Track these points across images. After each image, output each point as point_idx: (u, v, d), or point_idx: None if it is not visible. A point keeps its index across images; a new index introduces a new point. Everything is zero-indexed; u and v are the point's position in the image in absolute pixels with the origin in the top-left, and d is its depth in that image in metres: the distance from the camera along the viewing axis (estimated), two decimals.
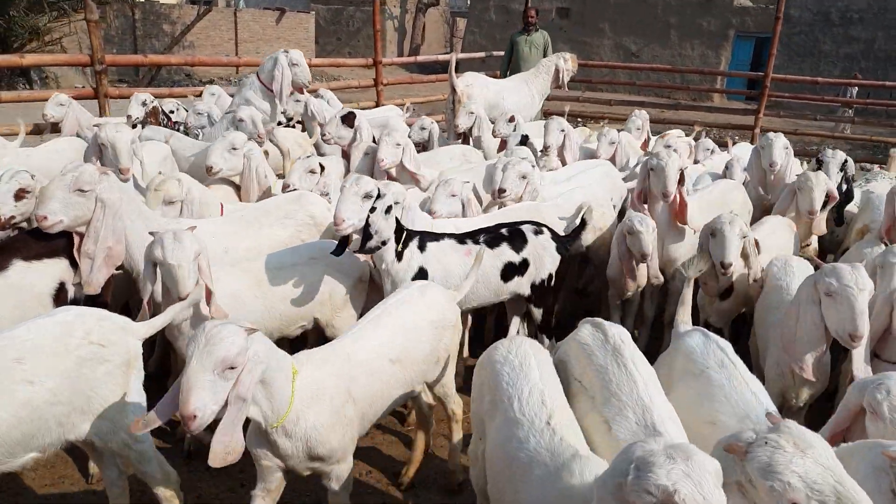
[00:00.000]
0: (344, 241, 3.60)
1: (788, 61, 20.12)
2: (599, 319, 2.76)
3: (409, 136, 6.81)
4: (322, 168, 4.73)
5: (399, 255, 3.69)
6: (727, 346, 2.82)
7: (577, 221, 4.42)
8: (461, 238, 3.98)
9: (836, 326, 2.94)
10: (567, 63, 9.13)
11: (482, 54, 12.75)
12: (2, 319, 3.03)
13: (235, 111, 5.71)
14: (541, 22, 17.95)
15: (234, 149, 4.70)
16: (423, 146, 6.87)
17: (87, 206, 3.32)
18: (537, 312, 4.15)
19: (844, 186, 5.44)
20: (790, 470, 1.67)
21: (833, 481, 1.67)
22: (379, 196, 3.49)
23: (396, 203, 3.81)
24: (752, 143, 11.18)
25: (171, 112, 6.78)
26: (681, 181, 4.46)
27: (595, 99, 14.72)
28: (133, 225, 3.48)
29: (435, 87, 12.76)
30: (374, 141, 5.52)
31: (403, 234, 3.70)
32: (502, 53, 12.92)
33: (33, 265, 3.29)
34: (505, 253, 3.99)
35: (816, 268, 3.30)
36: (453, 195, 4.56)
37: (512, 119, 6.51)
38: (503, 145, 6.39)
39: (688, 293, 3.28)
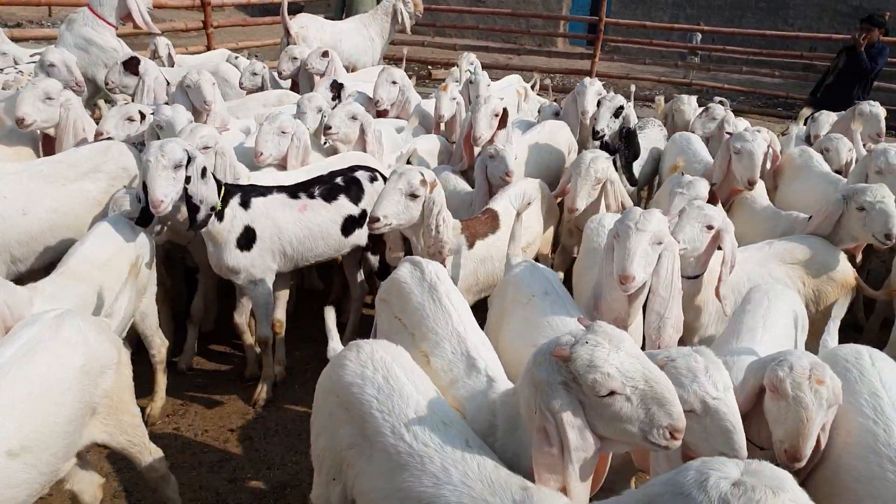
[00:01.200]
0: (147, 211, 3.25)
1: (623, 7, 21.02)
2: (417, 258, 2.79)
3: (241, 83, 6.45)
4: (142, 116, 4.31)
5: (220, 215, 3.39)
6: (552, 274, 2.99)
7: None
8: (293, 191, 3.70)
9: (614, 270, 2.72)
10: (408, 5, 8.93)
11: None
12: None
13: (43, 54, 5.07)
14: None
15: (49, 98, 4.10)
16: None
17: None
18: (374, 259, 4.09)
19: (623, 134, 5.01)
20: (608, 363, 1.82)
21: (642, 368, 1.84)
22: (190, 160, 3.16)
23: (207, 148, 3.65)
24: None
25: None
26: (503, 122, 4.63)
27: (442, 44, 14.68)
28: None
29: (272, 31, 12.09)
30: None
31: (221, 190, 3.37)
32: None
33: None
34: (344, 206, 3.85)
35: None
36: (283, 132, 4.20)
37: (325, 54, 6.25)
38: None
39: (518, 227, 3.34)
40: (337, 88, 5.70)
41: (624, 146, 5.00)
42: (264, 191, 3.64)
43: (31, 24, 17.97)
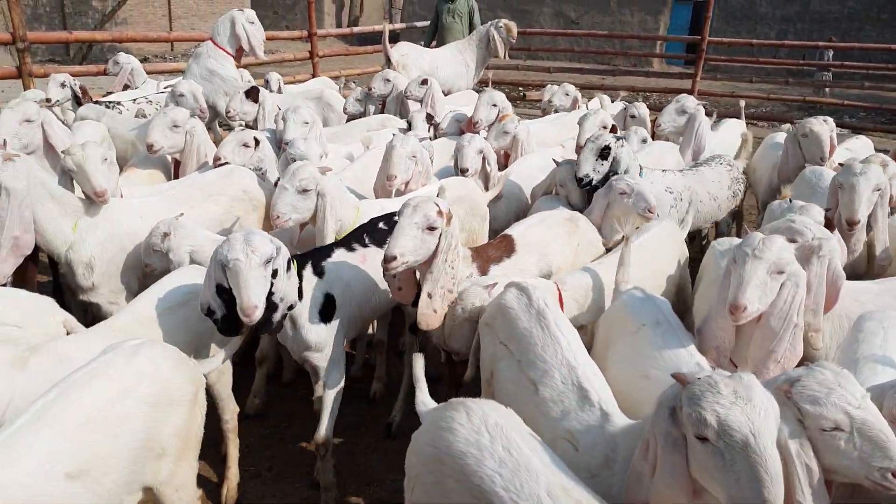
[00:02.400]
0: (233, 318, 2.75)
1: (725, 24, 20.46)
2: (523, 282, 2.76)
3: (345, 109, 6.75)
4: (257, 142, 4.62)
5: (300, 293, 2.99)
6: (664, 303, 2.89)
7: None
8: (347, 243, 3.38)
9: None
10: (501, 31, 9.06)
11: (422, 24, 12.60)
12: None
13: (175, 86, 5.53)
14: None
15: (176, 126, 4.49)
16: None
17: None
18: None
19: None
20: (712, 408, 1.73)
21: (748, 433, 1.70)
22: (278, 252, 2.74)
23: (306, 191, 3.51)
24: None
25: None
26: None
27: (536, 67, 14.77)
28: (45, 209, 3.40)
29: (372, 59, 12.57)
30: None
31: (293, 264, 2.96)
32: None
33: None
34: None
35: None
36: (413, 156, 4.18)
37: (425, 82, 6.34)
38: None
39: (627, 253, 3.27)
40: (430, 119, 5.85)
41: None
42: (328, 251, 3.34)
43: (155, 58, 19.48)
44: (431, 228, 2.86)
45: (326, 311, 3.12)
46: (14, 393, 2.35)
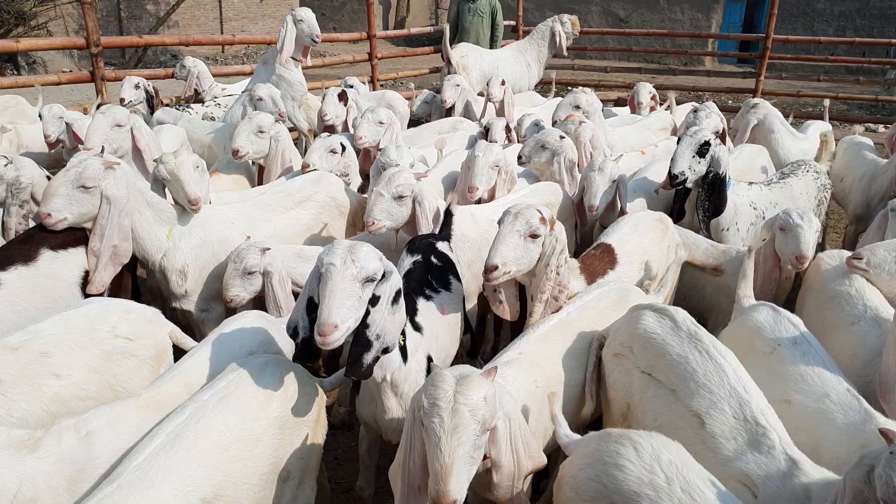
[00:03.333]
0: (310, 345, 2.23)
1: (780, 21, 19.89)
2: (659, 304, 2.62)
3: (413, 110, 6.70)
4: (343, 147, 4.56)
5: (404, 353, 2.43)
6: (798, 321, 2.70)
7: None
8: (419, 290, 2.91)
9: None
10: (566, 26, 8.93)
11: None
12: (35, 309, 2.98)
13: (253, 90, 5.52)
14: None
15: (261, 132, 4.47)
16: (427, 120, 6.76)
17: (92, 202, 3.21)
18: (466, 338, 3.35)
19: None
20: None
21: None
22: (383, 277, 2.22)
23: (402, 197, 3.38)
24: None
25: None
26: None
27: (590, 66, 14.54)
28: (142, 217, 3.40)
29: (424, 61, 12.57)
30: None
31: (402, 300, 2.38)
32: None
33: (60, 254, 3.21)
34: (458, 287, 3.23)
35: None
36: (496, 165, 4.06)
37: (503, 83, 6.32)
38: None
39: (749, 265, 3.09)
40: (508, 130, 5.71)
41: (705, 196, 4.03)
42: (413, 299, 2.82)
43: (207, 60, 19.76)
44: (534, 236, 2.73)
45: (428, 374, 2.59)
46: (22, 481, 1.96)
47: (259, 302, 3.39)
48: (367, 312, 2.15)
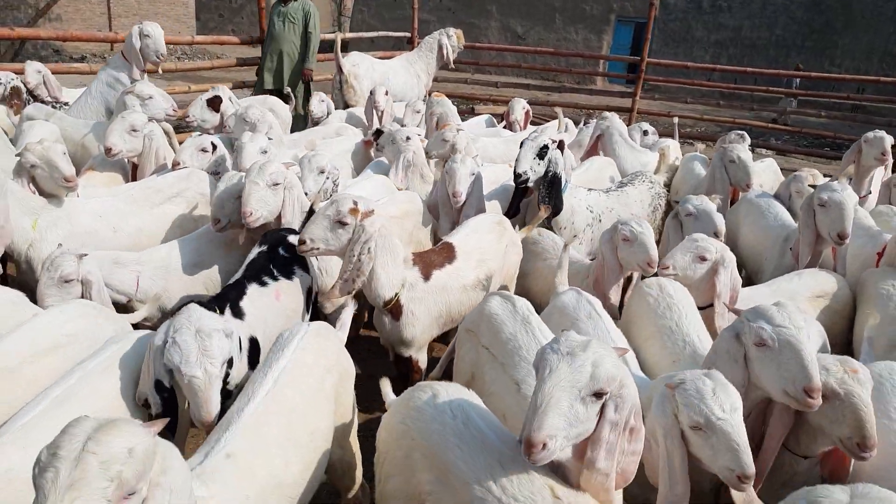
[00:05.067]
0: (173, 414, 2.48)
1: (664, 46, 21.29)
2: (506, 292, 2.97)
3: (311, 110, 6.86)
4: (214, 147, 4.66)
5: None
6: (596, 301, 3.16)
7: None
8: (256, 276, 3.27)
9: None
10: (451, 39, 9.31)
11: (371, 34, 12.73)
12: None
13: (138, 88, 5.24)
14: (429, 3, 17.62)
15: (135, 130, 4.47)
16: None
17: None
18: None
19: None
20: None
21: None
22: (233, 346, 2.56)
23: (276, 185, 3.58)
24: (629, 124, 11.87)
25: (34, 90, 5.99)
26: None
27: (483, 81, 15.07)
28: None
29: (322, 67, 12.57)
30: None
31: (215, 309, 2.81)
32: (392, 34, 12.99)
33: None
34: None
35: None
36: (472, 174, 4.38)
37: (386, 92, 6.68)
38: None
39: (564, 258, 3.55)
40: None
41: (546, 193, 4.42)
42: (243, 286, 3.26)
43: (94, 58, 18.94)
44: (341, 223, 3.10)
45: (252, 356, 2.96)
46: None
47: None
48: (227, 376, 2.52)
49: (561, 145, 4.50)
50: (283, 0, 8.45)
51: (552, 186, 4.41)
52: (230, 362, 2.45)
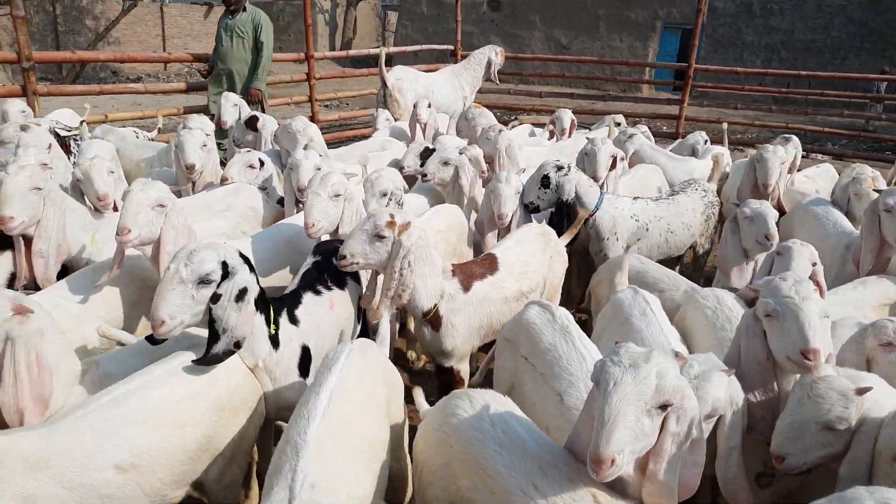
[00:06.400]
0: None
1: (713, 52, 20.90)
2: (544, 301, 2.96)
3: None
4: (261, 163, 4.75)
5: (275, 341, 2.75)
6: (653, 299, 3.15)
7: None
8: (310, 286, 3.21)
9: None
10: (497, 57, 9.42)
11: (414, 48, 12.84)
12: None
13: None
14: (472, 15, 17.76)
15: (205, 146, 4.71)
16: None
17: (41, 204, 3.34)
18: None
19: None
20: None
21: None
22: (226, 275, 2.46)
23: (338, 195, 3.63)
24: (676, 130, 11.67)
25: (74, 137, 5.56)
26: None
27: (527, 91, 15.04)
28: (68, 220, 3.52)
29: (367, 82, 12.78)
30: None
31: (270, 308, 2.73)
32: (435, 47, 13.08)
33: None
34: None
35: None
36: (517, 192, 4.34)
37: (429, 105, 6.64)
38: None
39: (625, 261, 3.65)
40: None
41: (558, 220, 4.36)
42: (297, 297, 3.21)
43: (149, 78, 19.64)
44: (380, 237, 3.06)
45: (302, 366, 2.94)
46: None
47: None
48: (210, 309, 2.43)
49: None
50: (231, 11, 7.60)
51: (561, 211, 4.41)
52: (216, 298, 2.44)
